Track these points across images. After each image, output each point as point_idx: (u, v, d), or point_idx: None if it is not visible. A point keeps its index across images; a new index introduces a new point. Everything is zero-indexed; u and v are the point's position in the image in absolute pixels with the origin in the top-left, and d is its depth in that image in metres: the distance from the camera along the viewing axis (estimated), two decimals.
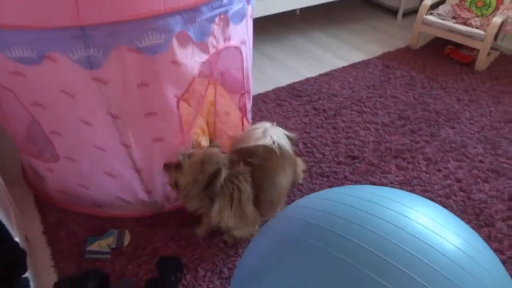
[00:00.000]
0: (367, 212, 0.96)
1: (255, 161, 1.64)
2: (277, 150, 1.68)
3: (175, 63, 1.47)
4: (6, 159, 2.17)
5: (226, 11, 1.51)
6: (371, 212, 0.95)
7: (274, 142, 1.71)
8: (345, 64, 3.15)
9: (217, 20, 1.49)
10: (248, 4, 1.69)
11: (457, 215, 1.93)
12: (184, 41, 1.44)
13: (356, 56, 3.26)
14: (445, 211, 1.09)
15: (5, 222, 1.49)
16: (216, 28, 1.52)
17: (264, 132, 1.75)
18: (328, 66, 3.12)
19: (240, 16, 1.62)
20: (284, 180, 1.73)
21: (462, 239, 0.96)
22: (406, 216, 0.96)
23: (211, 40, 1.54)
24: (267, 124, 1.83)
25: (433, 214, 1.02)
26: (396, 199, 1.02)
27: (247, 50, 1.89)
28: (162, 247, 1.78)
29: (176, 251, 1.77)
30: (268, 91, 2.79)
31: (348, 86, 2.88)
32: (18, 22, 1.19)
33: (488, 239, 1.86)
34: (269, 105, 2.66)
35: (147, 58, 1.38)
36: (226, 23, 1.57)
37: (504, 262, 1.76)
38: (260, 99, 2.71)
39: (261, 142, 1.69)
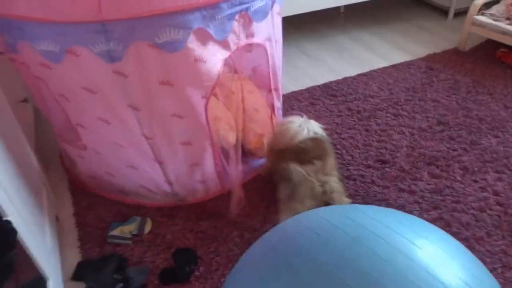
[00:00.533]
0: (366, 247, 0.90)
1: (310, 155, 1.76)
2: (320, 138, 1.83)
3: (197, 60, 1.49)
4: (47, 145, 2.32)
5: (247, 9, 1.51)
6: (367, 246, 0.90)
7: (315, 133, 1.82)
8: (386, 64, 3.04)
9: (237, 17, 1.50)
10: (273, 1, 1.68)
11: (491, 231, 1.84)
12: (204, 38, 1.46)
13: (399, 57, 3.14)
14: (452, 239, 1.03)
15: (35, 203, 1.60)
16: (236, 25, 1.52)
17: (301, 126, 1.82)
18: (368, 66, 3.03)
19: (263, 13, 1.62)
20: (334, 161, 1.88)
21: (468, 271, 0.90)
22: (413, 243, 0.91)
23: (232, 37, 1.55)
24: (300, 119, 1.89)
25: (440, 243, 0.96)
26: (400, 224, 0.97)
27: (274, 47, 1.88)
28: (180, 238, 1.82)
29: (193, 243, 1.80)
30: (302, 89, 2.76)
31: (386, 87, 2.78)
32: (44, 16, 1.27)
33: None
34: (302, 104, 2.63)
35: (167, 55, 1.41)
36: (247, 20, 1.57)
37: None
38: (293, 97, 2.69)
39: (300, 137, 1.78)
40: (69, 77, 1.48)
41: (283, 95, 2.65)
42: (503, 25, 2.91)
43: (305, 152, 1.77)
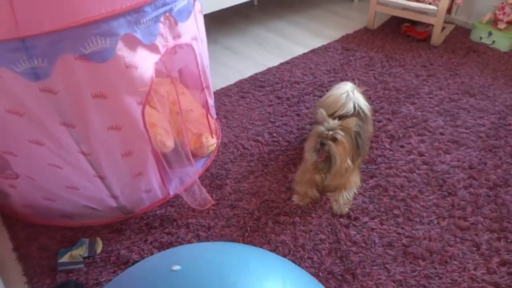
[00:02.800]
0: None
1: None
2: (362, 111, 2.04)
3: (129, 67, 1.46)
4: None
5: (171, 9, 1.50)
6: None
7: (358, 105, 2.03)
8: (305, 50, 3.18)
9: (162, 19, 1.49)
10: (194, 0, 1.69)
11: (422, 188, 2.01)
12: (133, 43, 1.44)
13: (316, 42, 3.29)
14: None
15: None
16: (162, 27, 1.51)
17: (348, 97, 2.02)
18: (289, 54, 3.14)
19: (186, 13, 1.62)
20: (370, 127, 2.20)
21: None
22: None
23: (159, 40, 1.53)
24: (348, 86, 2.09)
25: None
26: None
27: (200, 46, 1.89)
28: (135, 250, 1.78)
29: (150, 253, 1.77)
30: (230, 85, 2.80)
31: (309, 72, 2.91)
32: None
33: (451, 207, 1.93)
34: (232, 98, 2.67)
35: (97, 65, 1.37)
36: (172, 21, 1.56)
37: (467, 228, 1.83)
38: (223, 93, 2.71)
39: (346, 108, 1.99)
40: None
41: (214, 92, 2.66)
42: (403, 1, 3.18)
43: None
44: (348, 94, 2.03)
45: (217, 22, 3.56)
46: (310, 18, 3.68)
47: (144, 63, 1.50)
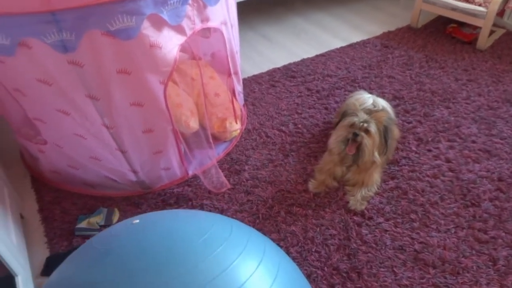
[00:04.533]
0: None
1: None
2: (386, 110, 2.06)
3: (153, 46, 1.50)
4: (6, 143, 2.26)
5: None
6: None
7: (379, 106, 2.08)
8: (343, 44, 3.12)
9: (190, 1, 1.51)
10: None
11: (443, 195, 1.95)
12: (159, 24, 1.47)
13: (355, 36, 3.22)
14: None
15: None
16: (190, 9, 1.54)
17: (372, 99, 2.11)
18: (326, 46, 3.10)
19: None
20: (396, 130, 2.14)
21: None
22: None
23: (186, 22, 1.56)
24: (366, 94, 2.18)
25: None
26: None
27: (231, 32, 1.91)
28: None
29: None
30: (262, 72, 2.80)
31: (344, 66, 2.86)
32: None
33: (472, 218, 1.85)
34: (263, 86, 2.67)
35: (122, 42, 1.41)
36: (201, 4, 1.58)
37: (486, 242, 1.76)
38: (254, 80, 2.72)
39: (371, 106, 2.06)
40: (23, 70, 1.46)
41: (244, 79, 2.68)
42: (452, 1, 3.04)
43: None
44: (372, 97, 2.04)
45: (256, 9, 3.55)
46: (352, 12, 3.60)
47: (169, 43, 1.53)
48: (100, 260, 0.97)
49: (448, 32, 3.21)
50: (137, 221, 1.09)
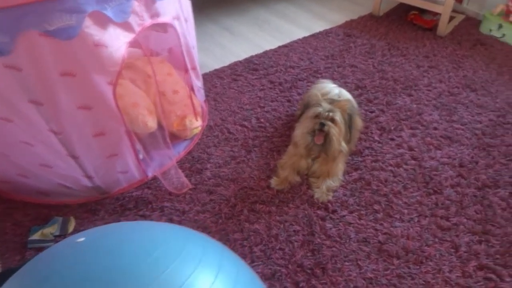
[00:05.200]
0: None
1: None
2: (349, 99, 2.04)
3: (98, 45, 1.41)
4: None
5: None
6: None
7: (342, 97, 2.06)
8: (306, 34, 3.08)
9: None
10: None
11: (406, 184, 1.95)
12: (102, 21, 1.39)
13: (318, 26, 3.19)
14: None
15: None
16: (137, 5, 1.46)
17: (335, 87, 2.10)
18: (289, 37, 3.06)
19: None
20: (359, 120, 2.13)
21: None
22: None
23: (134, 18, 1.48)
24: (330, 84, 2.15)
25: None
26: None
27: (184, 26, 1.83)
28: None
29: None
30: (224, 66, 2.73)
31: (306, 57, 2.83)
32: None
33: (435, 206, 1.87)
34: (225, 81, 2.61)
35: (63, 43, 1.32)
36: None
37: (448, 229, 1.77)
38: (215, 75, 2.66)
39: (336, 96, 2.03)
40: None
41: (205, 74, 2.62)
42: None
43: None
44: (336, 86, 2.02)
45: (217, 1, 3.47)
46: (315, 1, 3.56)
47: (115, 42, 1.45)
48: None
49: (409, 19, 3.23)
50: (82, 239, 1.02)
